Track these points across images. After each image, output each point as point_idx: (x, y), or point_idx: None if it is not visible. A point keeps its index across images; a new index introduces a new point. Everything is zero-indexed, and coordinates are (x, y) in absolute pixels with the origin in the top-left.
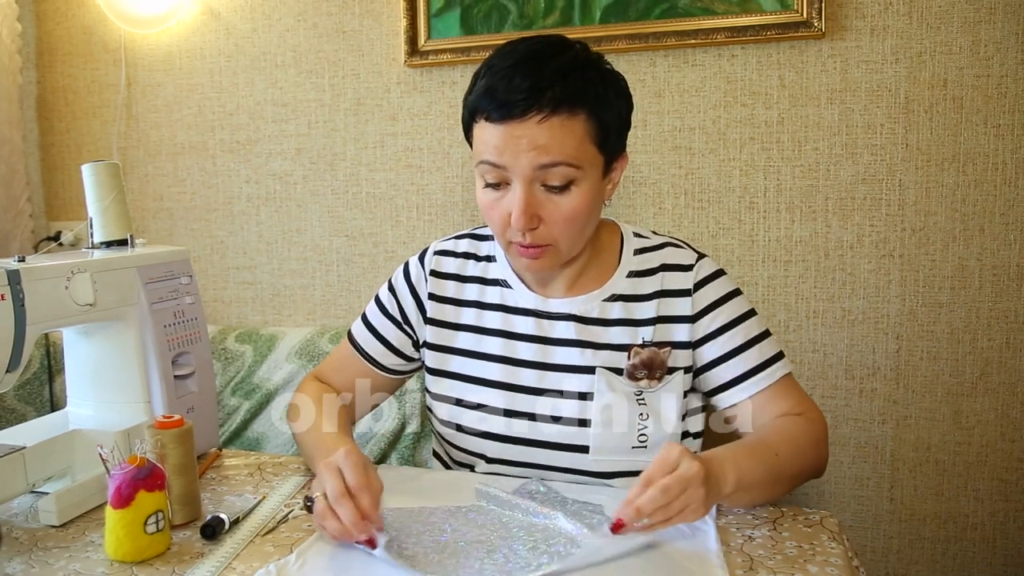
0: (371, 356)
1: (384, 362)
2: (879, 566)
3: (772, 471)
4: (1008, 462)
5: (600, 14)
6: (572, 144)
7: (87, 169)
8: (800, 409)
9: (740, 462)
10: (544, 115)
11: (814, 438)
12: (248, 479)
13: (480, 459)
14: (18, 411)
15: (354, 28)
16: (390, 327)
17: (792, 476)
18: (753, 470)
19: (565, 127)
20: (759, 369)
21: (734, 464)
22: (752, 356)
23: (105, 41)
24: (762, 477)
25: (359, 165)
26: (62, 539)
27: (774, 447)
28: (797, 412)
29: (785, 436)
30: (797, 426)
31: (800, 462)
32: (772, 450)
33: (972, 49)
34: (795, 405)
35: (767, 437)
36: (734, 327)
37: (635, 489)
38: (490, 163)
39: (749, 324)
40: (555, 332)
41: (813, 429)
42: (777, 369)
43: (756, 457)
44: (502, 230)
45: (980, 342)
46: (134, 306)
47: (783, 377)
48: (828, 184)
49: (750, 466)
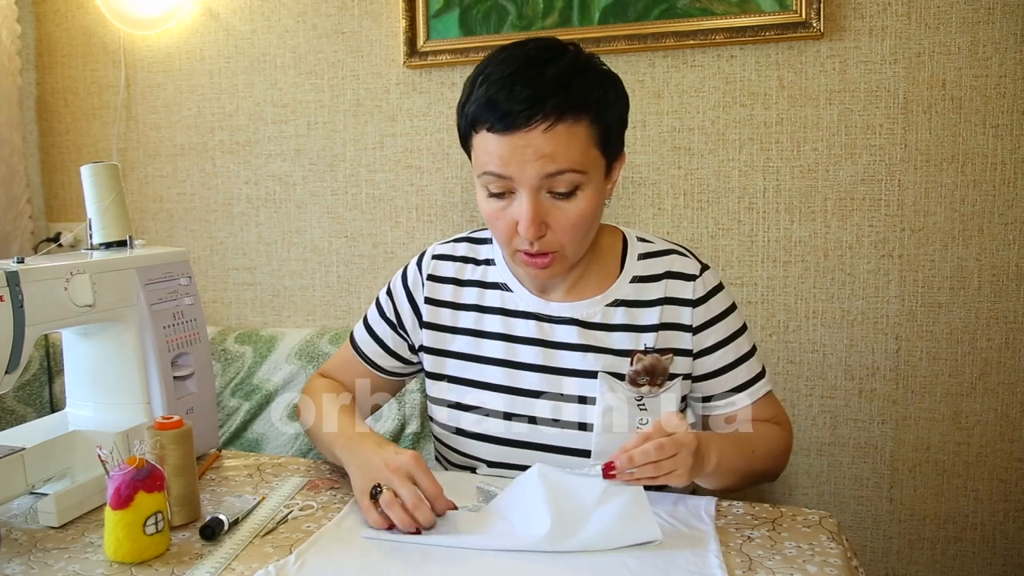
0: (369, 358)
1: (382, 364)
2: (879, 566)
3: (747, 464)
4: (1008, 462)
5: (599, 15)
6: (577, 150)
7: (86, 170)
8: (778, 420)
9: (724, 448)
10: (549, 123)
11: (784, 447)
12: (247, 480)
13: (480, 463)
14: (18, 412)
15: (353, 29)
16: (387, 330)
17: (759, 473)
18: (732, 458)
19: (570, 133)
20: (744, 387)
21: (718, 448)
22: (740, 374)
23: (105, 42)
24: (738, 467)
25: (358, 166)
26: (61, 540)
27: (753, 445)
28: (776, 423)
29: (764, 439)
30: (775, 434)
31: (769, 464)
32: (751, 447)
33: (971, 49)
34: (774, 415)
35: (751, 436)
36: (727, 344)
37: (633, 440)
38: (495, 174)
39: (740, 342)
40: (556, 336)
41: (786, 439)
42: (760, 388)
43: (738, 448)
44: (508, 239)
45: (979, 342)
46: (133, 307)
47: (765, 395)
48: (827, 184)
49: (731, 454)
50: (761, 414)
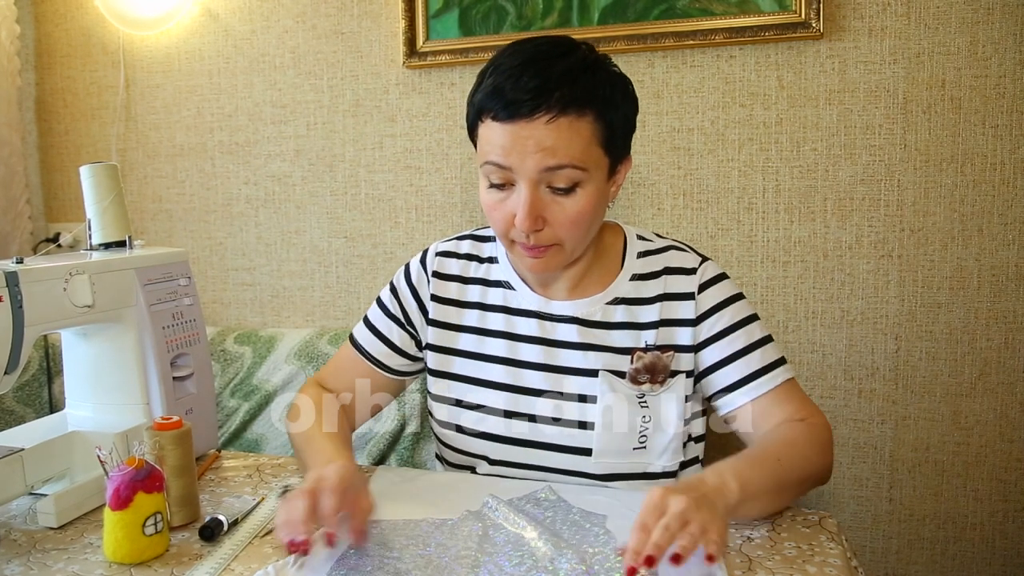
0: (375, 358)
1: (388, 363)
2: (878, 566)
3: (776, 477)
4: (1007, 462)
5: (598, 15)
6: (579, 146)
7: (86, 171)
8: (802, 414)
9: (742, 471)
10: (552, 116)
11: (818, 443)
12: (247, 480)
13: (482, 460)
14: (17, 413)
15: (353, 29)
16: (393, 327)
17: (798, 481)
18: (757, 478)
19: (572, 128)
20: (760, 373)
21: (735, 473)
22: (754, 360)
23: (104, 43)
24: (767, 484)
25: (358, 166)
26: (60, 541)
27: (776, 453)
28: (799, 418)
29: (786, 442)
30: (798, 432)
31: (804, 466)
32: (774, 456)
33: (970, 49)
34: (797, 410)
35: (768, 445)
36: (736, 331)
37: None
38: (496, 164)
39: (751, 328)
40: (558, 334)
41: (816, 434)
42: (779, 374)
43: (758, 465)
44: (505, 230)
45: (979, 342)
46: (133, 308)
47: (785, 382)
48: (827, 185)
49: (753, 474)
50: (782, 409)
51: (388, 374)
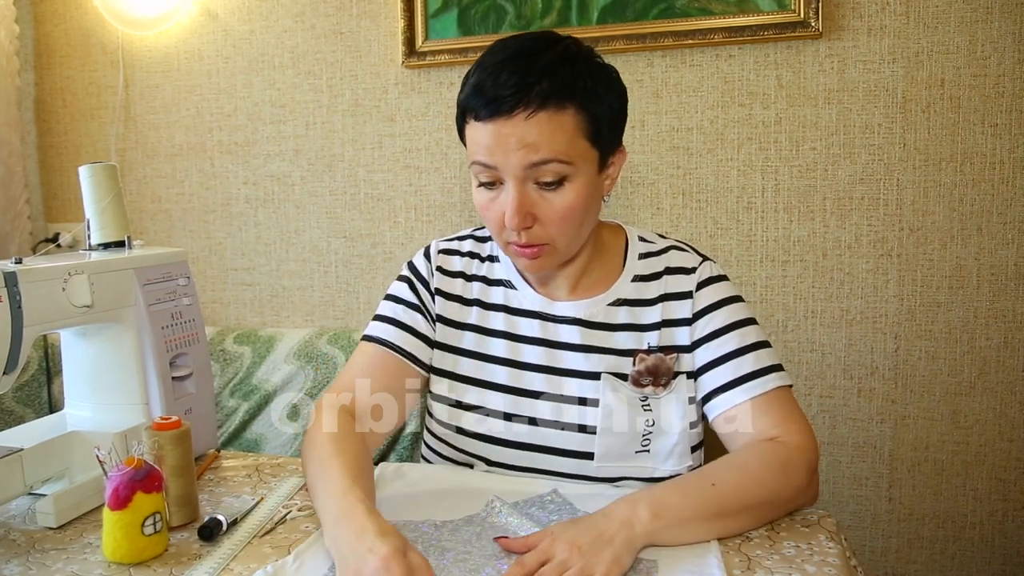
0: (407, 352)
1: (421, 357)
2: (877, 566)
3: (708, 502)
4: (1006, 461)
5: (597, 14)
6: (562, 140)
7: (85, 171)
8: (777, 431)
9: (661, 498)
10: (531, 111)
11: (779, 466)
12: (246, 480)
13: (480, 461)
14: (16, 413)
15: (352, 29)
16: (419, 318)
17: (745, 507)
18: (678, 504)
19: (554, 122)
20: (750, 377)
21: (651, 501)
22: (745, 363)
23: (103, 43)
24: (696, 510)
25: (357, 166)
26: (60, 541)
27: (713, 477)
28: (770, 436)
29: (732, 465)
30: (755, 454)
31: (754, 490)
32: (708, 481)
33: (969, 49)
34: (776, 423)
35: (708, 468)
36: (728, 332)
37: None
38: (482, 163)
39: (745, 331)
40: (560, 335)
41: (779, 455)
42: (770, 380)
43: (683, 491)
44: (498, 230)
45: (978, 341)
46: (132, 308)
47: (776, 389)
48: (826, 184)
49: (674, 500)
50: (764, 415)
51: (422, 370)
